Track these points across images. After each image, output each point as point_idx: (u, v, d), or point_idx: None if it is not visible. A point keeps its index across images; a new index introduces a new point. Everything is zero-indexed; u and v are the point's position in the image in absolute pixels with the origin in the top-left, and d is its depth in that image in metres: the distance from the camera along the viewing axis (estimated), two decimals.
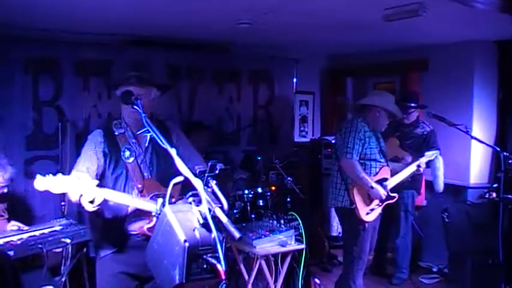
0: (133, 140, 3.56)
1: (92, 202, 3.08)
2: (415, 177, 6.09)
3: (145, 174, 3.52)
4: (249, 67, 7.62)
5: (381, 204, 5.24)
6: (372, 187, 5.07)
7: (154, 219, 3.36)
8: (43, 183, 2.99)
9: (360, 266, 5.35)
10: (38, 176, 3.00)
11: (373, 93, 5.57)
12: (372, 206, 5.18)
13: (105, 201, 3.31)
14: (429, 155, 5.65)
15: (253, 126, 7.69)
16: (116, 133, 3.56)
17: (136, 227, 3.46)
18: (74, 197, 3.12)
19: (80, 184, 3.05)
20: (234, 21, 5.26)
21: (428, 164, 5.77)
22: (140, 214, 3.42)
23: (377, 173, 5.22)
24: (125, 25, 5.56)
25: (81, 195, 3.07)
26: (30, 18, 5.16)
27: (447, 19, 5.21)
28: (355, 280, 5.34)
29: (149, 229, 3.38)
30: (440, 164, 6.06)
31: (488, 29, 5.76)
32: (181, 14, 5.04)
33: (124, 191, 3.45)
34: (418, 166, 5.54)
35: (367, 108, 5.30)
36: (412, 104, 6.26)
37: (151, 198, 3.42)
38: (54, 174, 3.04)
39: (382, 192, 5.12)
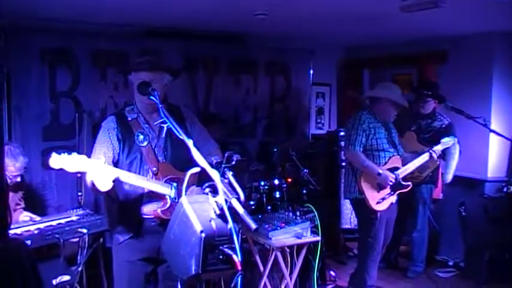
0: (147, 125, 3.57)
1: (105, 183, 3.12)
2: (434, 172, 6.06)
3: (159, 158, 3.53)
4: (265, 58, 7.60)
5: (392, 193, 5.24)
6: (379, 173, 5.13)
7: (169, 201, 3.39)
8: (58, 161, 3.02)
9: (374, 257, 5.37)
10: (54, 154, 3.02)
11: (379, 86, 5.54)
12: (383, 194, 5.19)
13: (119, 185, 3.34)
14: (445, 142, 5.55)
15: (270, 117, 7.67)
16: (129, 118, 3.58)
17: (151, 210, 3.48)
18: (90, 177, 3.14)
19: (94, 163, 3.09)
20: (251, 12, 5.24)
21: (444, 153, 5.73)
22: (154, 197, 3.46)
23: (386, 163, 5.25)
24: (142, 15, 5.56)
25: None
26: (47, 9, 5.17)
27: (466, 10, 5.14)
28: (369, 271, 5.37)
29: (163, 211, 3.42)
30: (456, 152, 5.99)
31: (508, 20, 5.66)
32: (197, 5, 5.02)
33: (139, 174, 3.47)
34: (431, 154, 5.47)
35: (374, 100, 5.40)
36: (429, 92, 6.19)
37: (165, 181, 3.44)
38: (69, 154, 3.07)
39: (391, 176, 5.14)
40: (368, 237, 5.32)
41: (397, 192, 5.32)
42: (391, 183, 5.18)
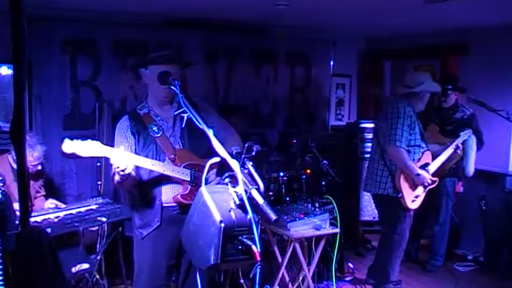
0: (158, 118, 3.61)
1: (123, 170, 3.14)
2: (457, 164, 6.01)
3: (176, 146, 3.56)
4: (285, 49, 7.58)
5: (425, 190, 5.20)
6: (418, 174, 5.03)
7: (189, 186, 3.40)
8: (70, 146, 3.04)
9: (399, 253, 5.33)
10: (66, 140, 3.06)
11: (414, 80, 5.37)
12: (417, 192, 5.14)
13: (138, 176, 3.37)
14: (463, 134, 5.58)
15: (290, 108, 7.66)
16: (141, 113, 3.62)
17: (171, 197, 3.49)
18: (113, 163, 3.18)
19: (106, 148, 3.12)
20: (272, 2, 5.21)
21: (464, 144, 5.68)
22: (172, 182, 3.49)
23: (420, 159, 5.18)
24: (162, 5, 5.56)
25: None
26: None
27: (489, 2, 5.08)
28: (393, 267, 5.33)
29: (183, 196, 3.44)
30: (473, 144, 5.93)
31: None
32: None
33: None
34: (456, 148, 5.45)
35: (412, 93, 5.23)
36: (449, 87, 6.14)
37: (184, 167, 3.45)
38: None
39: (428, 177, 5.10)
40: (395, 234, 5.25)
41: (428, 188, 5.27)
42: (427, 184, 5.14)
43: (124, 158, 3.13)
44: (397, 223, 5.22)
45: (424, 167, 5.16)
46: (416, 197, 5.16)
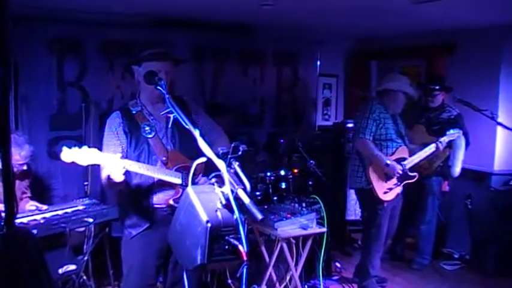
0: (152, 117, 3.59)
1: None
2: (444, 164, 6.05)
3: (168, 147, 3.55)
4: (272, 49, 7.59)
5: (399, 183, 5.27)
6: (387, 164, 5.16)
7: (181, 190, 3.39)
8: (70, 155, 3.03)
9: (377, 248, 5.42)
10: (65, 148, 3.05)
11: (389, 78, 5.53)
12: (390, 185, 5.21)
13: (129, 177, 3.36)
14: (451, 134, 5.61)
15: (277, 108, 7.68)
16: (134, 112, 3.58)
17: (162, 200, 3.48)
18: (105, 172, 3.19)
19: (104, 155, 3.11)
20: (257, 2, 5.21)
21: (450, 144, 5.72)
22: (165, 186, 3.48)
23: (393, 153, 5.31)
24: (150, 5, 5.54)
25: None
26: None
27: (475, 3, 5.11)
28: (372, 262, 5.43)
29: (175, 200, 3.42)
30: (462, 144, 5.96)
31: None
32: None
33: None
34: (437, 144, 5.49)
35: (384, 91, 5.41)
36: (436, 87, 6.18)
37: (176, 170, 3.44)
38: (80, 147, 3.08)
39: (398, 168, 5.19)
40: (372, 227, 5.38)
41: (404, 183, 5.34)
42: (398, 175, 5.21)
43: (120, 165, 3.12)
44: (374, 216, 5.35)
45: (399, 161, 5.27)
46: (390, 189, 5.24)
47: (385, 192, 5.24)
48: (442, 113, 6.22)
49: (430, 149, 5.48)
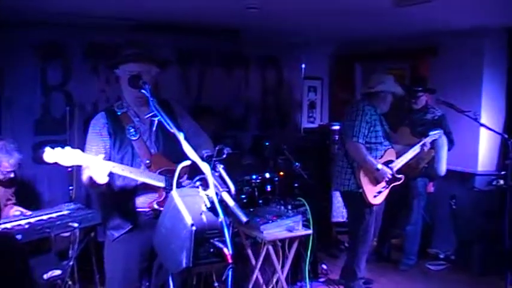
0: (137, 119, 3.55)
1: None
2: (429, 165, 6.08)
3: (152, 150, 3.51)
4: (257, 52, 7.64)
5: (387, 186, 5.29)
6: (377, 169, 5.16)
7: (164, 193, 3.38)
8: (52, 155, 2.99)
9: (364, 249, 5.44)
10: (47, 149, 2.99)
11: (375, 79, 5.49)
12: (379, 188, 5.23)
13: (112, 179, 3.33)
14: (433, 134, 5.66)
15: (262, 111, 7.70)
16: (119, 113, 3.54)
17: (145, 203, 3.46)
18: (87, 173, 3.13)
19: (87, 156, 3.07)
20: (243, 6, 5.23)
21: (433, 144, 5.75)
22: (148, 189, 3.43)
23: (382, 156, 5.32)
24: (134, 9, 5.53)
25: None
26: (39, 2, 5.14)
27: (457, 6, 5.15)
28: (359, 264, 5.44)
29: (159, 203, 3.40)
30: (444, 144, 5.99)
31: (498, 16, 5.69)
32: None
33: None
34: (423, 146, 5.54)
35: (373, 92, 5.37)
36: (419, 89, 6.22)
37: (159, 173, 3.43)
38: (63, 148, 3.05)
39: (389, 172, 5.21)
40: (360, 230, 5.36)
41: (392, 185, 5.36)
42: (388, 179, 5.22)
43: (104, 167, 3.09)
44: (361, 219, 5.33)
45: (387, 164, 5.27)
46: (379, 192, 5.25)
47: (375, 196, 5.25)
48: (425, 114, 6.25)
49: (415, 150, 5.53)
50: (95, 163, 3.05)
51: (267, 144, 6.67)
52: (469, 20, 5.96)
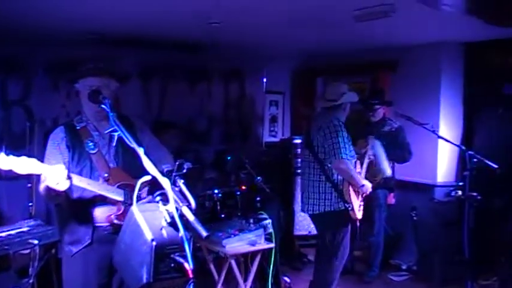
0: (96, 133, 3.54)
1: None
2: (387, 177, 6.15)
3: (110, 164, 3.49)
4: (219, 66, 7.66)
5: (363, 199, 5.27)
6: (362, 185, 5.09)
7: (123, 207, 3.35)
8: (7, 162, 2.94)
9: (341, 266, 5.31)
10: (1, 154, 2.94)
11: (340, 91, 5.28)
12: (360, 202, 5.20)
13: (70, 193, 3.30)
14: (370, 141, 5.74)
15: (224, 125, 7.71)
16: (78, 127, 3.52)
17: (104, 217, 3.43)
18: (43, 183, 3.06)
19: (43, 164, 3.00)
20: (205, 20, 5.25)
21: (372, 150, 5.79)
22: (106, 203, 3.39)
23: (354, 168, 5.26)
24: (95, 23, 5.50)
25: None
26: None
27: (416, 21, 5.27)
28: (334, 280, 5.26)
29: (117, 217, 3.37)
30: (379, 149, 5.91)
31: (455, 31, 5.84)
32: (151, 13, 5.01)
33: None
34: (365, 154, 5.60)
35: (336, 105, 5.26)
36: (376, 101, 6.31)
37: (118, 187, 3.41)
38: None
39: (370, 186, 5.17)
40: (340, 247, 5.17)
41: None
42: (368, 193, 5.23)
43: (62, 176, 3.05)
44: (342, 236, 5.17)
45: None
46: (359, 206, 5.24)
47: (359, 210, 5.18)
48: (383, 127, 6.36)
49: (366, 161, 5.59)
50: (50, 170, 2.99)
51: (229, 158, 6.69)
52: (427, 35, 6.11)
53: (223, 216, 5.71)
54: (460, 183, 5.79)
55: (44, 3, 4.56)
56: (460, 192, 5.79)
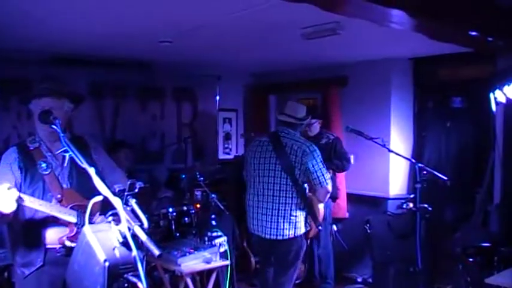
0: (49, 154, 3.51)
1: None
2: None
3: (64, 185, 3.46)
4: (172, 85, 7.67)
5: None
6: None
7: (75, 228, 3.32)
8: None
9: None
10: None
11: (300, 111, 5.21)
12: None
13: (22, 214, 3.26)
14: None
15: (178, 143, 7.70)
16: (31, 148, 3.49)
17: (55, 239, 3.39)
18: None
19: None
20: (155, 39, 5.26)
21: None
22: (59, 224, 3.35)
23: None
24: (45, 42, 5.46)
25: None
26: None
27: (364, 38, 5.37)
28: None
29: (69, 238, 3.33)
30: None
31: (403, 47, 5.97)
32: (102, 33, 5.00)
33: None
34: None
35: (297, 124, 5.16)
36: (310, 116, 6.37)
37: (71, 208, 3.37)
38: None
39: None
40: (296, 265, 5.10)
41: None
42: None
43: (10, 197, 2.99)
44: (303, 253, 5.11)
45: None
46: None
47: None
48: (320, 140, 6.49)
49: None
50: (2, 193, 2.93)
51: (183, 176, 6.68)
52: (376, 51, 6.24)
53: (178, 234, 5.67)
54: (412, 196, 5.92)
55: None
56: (411, 205, 5.91)
